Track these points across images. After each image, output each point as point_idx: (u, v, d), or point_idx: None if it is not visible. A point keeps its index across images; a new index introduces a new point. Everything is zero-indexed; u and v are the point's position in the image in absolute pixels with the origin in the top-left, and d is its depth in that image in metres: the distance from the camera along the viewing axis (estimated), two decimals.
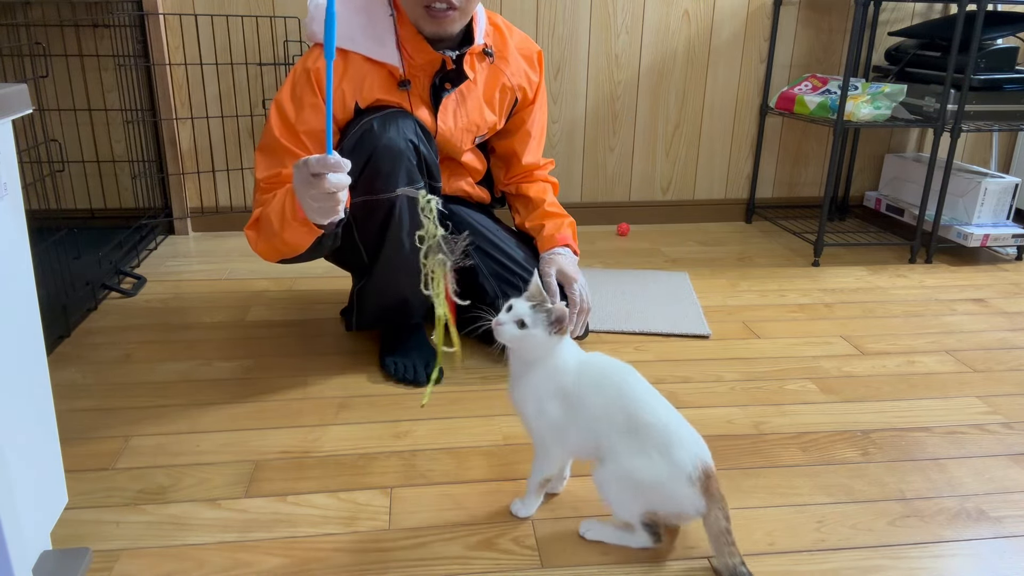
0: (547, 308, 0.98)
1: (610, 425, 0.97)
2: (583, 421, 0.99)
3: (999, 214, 2.25)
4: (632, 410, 0.97)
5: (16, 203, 0.84)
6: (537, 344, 0.99)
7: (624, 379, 1.00)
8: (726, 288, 1.99)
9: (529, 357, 1.01)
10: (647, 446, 0.95)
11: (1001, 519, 1.10)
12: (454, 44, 1.41)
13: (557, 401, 1.00)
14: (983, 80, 2.12)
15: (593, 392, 0.99)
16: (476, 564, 0.99)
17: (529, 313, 0.98)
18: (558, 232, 1.56)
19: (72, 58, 2.16)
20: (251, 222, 1.35)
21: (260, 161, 1.36)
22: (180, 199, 2.32)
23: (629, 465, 0.96)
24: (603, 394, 0.98)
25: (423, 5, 1.30)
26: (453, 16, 1.32)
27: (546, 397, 1.00)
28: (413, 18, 1.33)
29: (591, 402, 0.99)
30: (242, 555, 1.00)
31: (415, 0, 1.30)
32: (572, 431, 1.00)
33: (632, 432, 0.96)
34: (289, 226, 1.22)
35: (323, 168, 1.06)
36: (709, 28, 2.40)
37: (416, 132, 1.36)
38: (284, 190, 1.25)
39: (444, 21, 1.32)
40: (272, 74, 2.27)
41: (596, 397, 0.99)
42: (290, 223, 1.21)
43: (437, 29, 1.33)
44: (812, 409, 1.39)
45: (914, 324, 1.78)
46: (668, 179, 2.54)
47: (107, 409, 1.35)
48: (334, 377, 1.47)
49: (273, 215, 1.25)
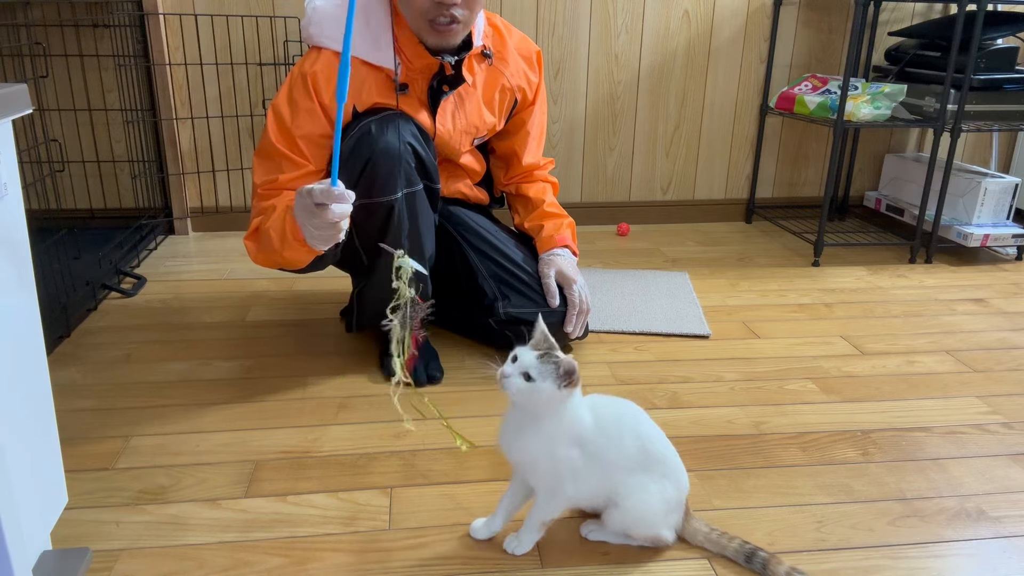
0: (555, 359, 0.91)
1: (628, 467, 0.97)
2: (605, 466, 0.96)
3: (999, 214, 2.25)
4: (647, 448, 0.97)
5: (16, 203, 0.84)
6: (546, 399, 0.91)
7: (636, 420, 0.99)
8: (726, 288, 1.99)
9: (537, 411, 0.93)
10: (658, 476, 0.98)
11: (1001, 519, 1.10)
12: (453, 48, 1.41)
13: (577, 449, 0.95)
14: (983, 80, 2.12)
15: (613, 439, 0.96)
16: (476, 564, 0.99)
17: (536, 365, 0.90)
18: (557, 233, 1.56)
19: (72, 58, 2.16)
20: (250, 232, 1.35)
21: (257, 166, 1.37)
22: (180, 199, 2.32)
23: (650, 498, 0.97)
24: (623, 440, 0.97)
25: (427, 19, 1.30)
26: (456, 29, 1.32)
27: (564, 445, 0.95)
28: (416, 30, 1.33)
29: (613, 449, 0.96)
30: (242, 555, 1.00)
31: (419, 13, 1.30)
32: (592, 477, 0.97)
33: (646, 468, 0.97)
34: (289, 246, 1.22)
35: (327, 199, 1.05)
36: (709, 28, 2.40)
37: (414, 134, 1.36)
38: (283, 207, 1.25)
39: (447, 34, 1.32)
40: (272, 74, 2.27)
41: (617, 443, 0.96)
42: (290, 243, 1.22)
43: (440, 41, 1.33)
44: (812, 409, 1.39)
45: (914, 324, 1.78)
46: (668, 179, 2.54)
47: (107, 409, 1.35)
48: (334, 377, 1.47)
49: (273, 232, 1.25)
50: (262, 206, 1.33)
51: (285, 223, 1.22)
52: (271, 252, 1.28)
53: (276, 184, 1.34)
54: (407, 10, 1.32)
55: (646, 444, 0.97)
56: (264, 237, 1.28)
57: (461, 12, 1.29)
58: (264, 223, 1.29)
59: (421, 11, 1.29)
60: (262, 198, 1.34)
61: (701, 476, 1.18)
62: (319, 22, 1.35)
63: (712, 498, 1.13)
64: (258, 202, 1.35)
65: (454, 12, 1.28)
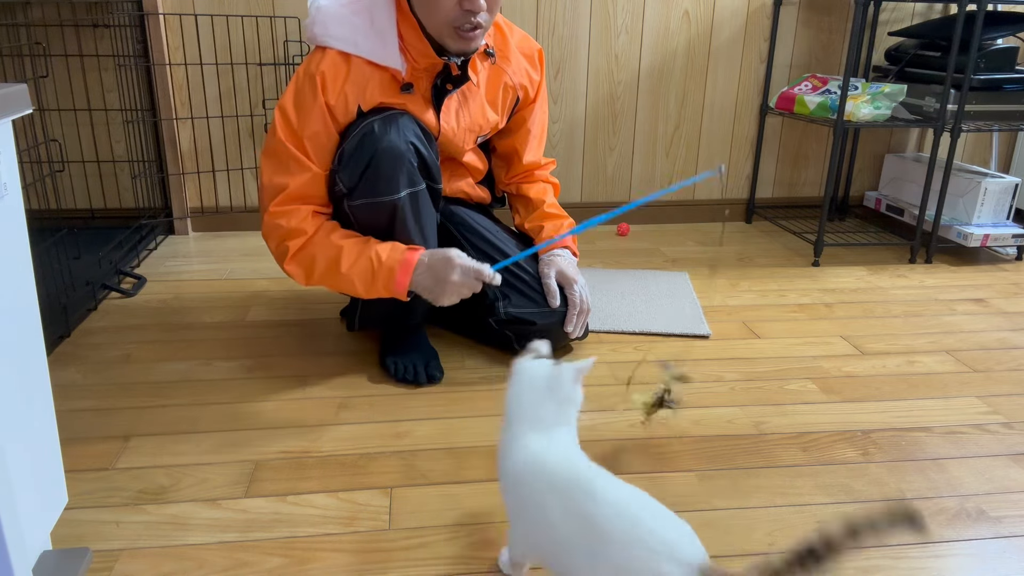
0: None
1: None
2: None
3: (999, 214, 2.25)
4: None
5: (16, 203, 0.84)
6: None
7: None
8: (726, 288, 1.99)
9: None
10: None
11: (1001, 519, 1.10)
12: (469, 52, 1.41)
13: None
14: (983, 80, 2.12)
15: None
16: (476, 564, 0.99)
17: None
18: (557, 233, 1.56)
19: (72, 58, 2.16)
20: (292, 257, 1.36)
21: (265, 165, 1.37)
22: (180, 199, 2.32)
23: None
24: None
25: (453, 26, 1.30)
26: (479, 34, 1.32)
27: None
28: (439, 36, 1.33)
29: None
30: (242, 555, 1.00)
31: (443, 21, 1.29)
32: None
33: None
34: (378, 293, 1.34)
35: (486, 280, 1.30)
36: (709, 28, 2.40)
37: (417, 133, 1.36)
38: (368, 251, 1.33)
39: (472, 40, 1.32)
40: (272, 74, 2.27)
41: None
42: (380, 292, 1.33)
43: (464, 47, 1.33)
44: (812, 409, 1.39)
45: (914, 324, 1.78)
46: (668, 179, 2.54)
47: (107, 409, 1.35)
48: (334, 377, 1.47)
49: (357, 280, 1.33)
50: (288, 227, 1.34)
51: (377, 277, 1.32)
52: (340, 287, 1.36)
53: (288, 194, 1.34)
54: (430, 17, 1.31)
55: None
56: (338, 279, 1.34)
57: (485, 18, 1.30)
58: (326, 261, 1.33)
59: (448, 19, 1.29)
60: (279, 215, 1.34)
61: (701, 476, 1.18)
62: (323, 22, 1.35)
63: (712, 498, 1.13)
64: (276, 219, 1.34)
65: (479, 19, 1.29)
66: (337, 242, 1.33)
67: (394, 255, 1.32)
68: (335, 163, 1.35)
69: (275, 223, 1.35)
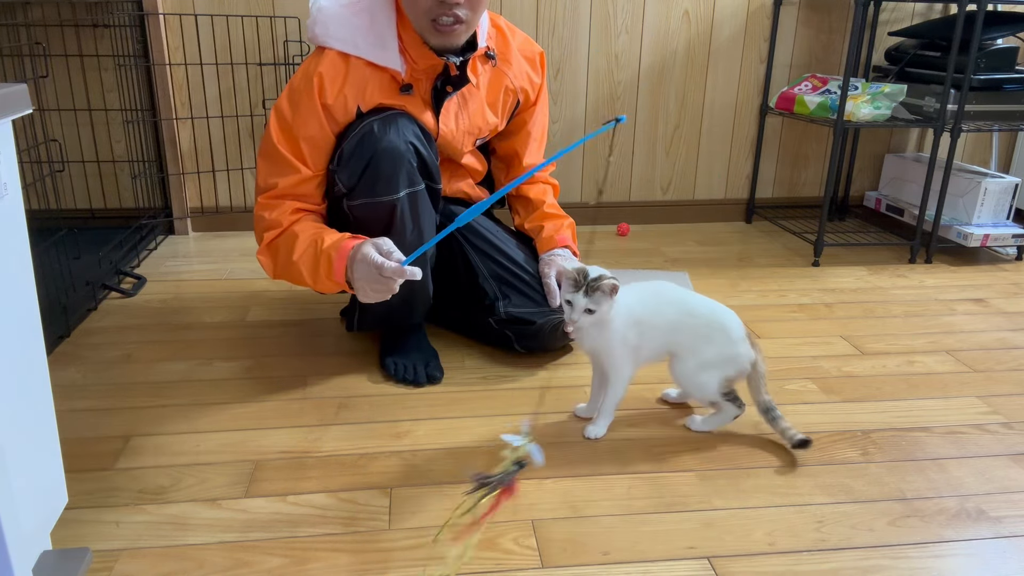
0: (598, 286, 1.16)
1: (677, 330, 1.25)
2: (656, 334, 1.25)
3: (999, 214, 2.25)
4: (688, 310, 1.25)
5: (16, 203, 0.84)
6: (609, 312, 1.20)
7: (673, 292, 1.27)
8: (726, 288, 1.99)
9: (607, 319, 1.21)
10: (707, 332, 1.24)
11: (1001, 519, 1.10)
12: (458, 49, 1.41)
13: (634, 330, 1.24)
14: (983, 80, 2.12)
15: (659, 313, 1.25)
16: (476, 564, 0.99)
17: (590, 301, 1.17)
18: (557, 233, 1.56)
19: (72, 58, 2.16)
20: (263, 247, 1.38)
21: (261, 167, 1.38)
22: (180, 199, 2.32)
23: (701, 353, 1.24)
24: (665, 311, 1.25)
25: (430, 19, 1.29)
26: (459, 29, 1.31)
27: (624, 329, 1.23)
28: (419, 30, 1.33)
29: (660, 320, 1.25)
30: (242, 555, 1.00)
31: (422, 13, 1.30)
32: (645, 347, 1.26)
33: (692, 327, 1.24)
34: (323, 283, 1.30)
35: (398, 276, 1.18)
36: (709, 28, 2.40)
37: (416, 134, 1.36)
38: (309, 240, 1.30)
39: (451, 34, 1.32)
40: (272, 74, 2.27)
41: (662, 315, 1.25)
42: (324, 281, 1.30)
43: (444, 42, 1.33)
44: (812, 409, 1.39)
45: (914, 324, 1.78)
46: (668, 179, 2.54)
47: (107, 409, 1.35)
48: (334, 377, 1.48)
49: (303, 268, 1.31)
50: (268, 219, 1.36)
51: (319, 264, 1.28)
52: (297, 278, 1.34)
53: (276, 191, 1.35)
54: (411, 10, 1.32)
55: (684, 309, 1.25)
56: (291, 268, 1.33)
57: (464, 12, 1.29)
58: (286, 250, 1.33)
59: (424, 11, 1.29)
60: (264, 207, 1.37)
61: (701, 476, 1.18)
62: (324, 22, 1.35)
63: (712, 498, 1.13)
64: (261, 211, 1.37)
65: (457, 12, 1.28)
66: (296, 231, 1.33)
67: (334, 242, 1.28)
68: (334, 163, 1.35)
69: (259, 215, 1.38)
